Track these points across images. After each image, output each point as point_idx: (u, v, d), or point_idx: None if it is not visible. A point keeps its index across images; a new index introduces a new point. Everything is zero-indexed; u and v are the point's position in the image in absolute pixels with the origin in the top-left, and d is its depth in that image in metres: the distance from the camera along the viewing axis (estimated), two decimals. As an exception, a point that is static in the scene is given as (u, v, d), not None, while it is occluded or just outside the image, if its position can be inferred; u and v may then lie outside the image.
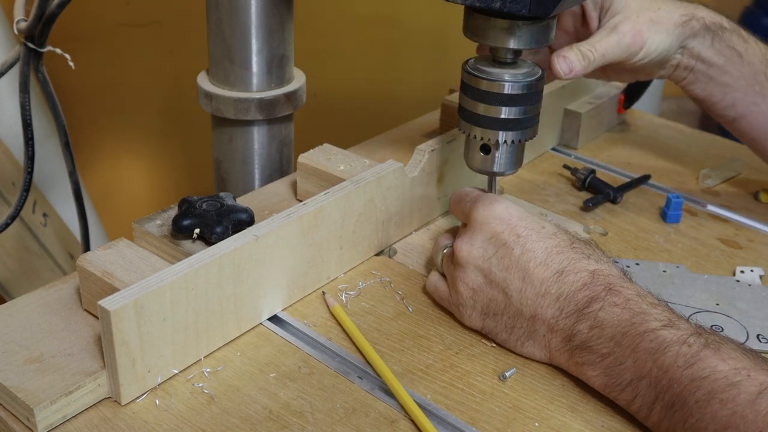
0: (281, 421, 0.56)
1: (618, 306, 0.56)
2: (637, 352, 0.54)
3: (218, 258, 0.59)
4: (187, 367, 0.61)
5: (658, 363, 0.53)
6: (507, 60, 0.69)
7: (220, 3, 0.82)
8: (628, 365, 0.55)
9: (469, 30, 0.68)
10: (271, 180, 0.90)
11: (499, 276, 0.61)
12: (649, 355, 0.53)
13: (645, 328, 0.54)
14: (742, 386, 0.49)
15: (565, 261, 0.60)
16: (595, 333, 0.57)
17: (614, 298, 0.57)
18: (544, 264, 0.60)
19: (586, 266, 0.59)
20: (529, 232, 0.61)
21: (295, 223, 0.65)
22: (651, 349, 0.53)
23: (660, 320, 0.55)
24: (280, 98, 0.86)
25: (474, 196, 0.67)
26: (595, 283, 0.58)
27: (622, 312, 0.56)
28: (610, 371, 0.56)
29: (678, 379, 0.52)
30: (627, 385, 0.55)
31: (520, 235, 0.61)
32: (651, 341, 0.54)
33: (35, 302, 0.64)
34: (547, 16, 0.64)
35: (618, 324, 0.56)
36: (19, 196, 0.89)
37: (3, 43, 1.19)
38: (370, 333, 0.65)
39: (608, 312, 0.56)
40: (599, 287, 0.58)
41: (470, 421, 0.57)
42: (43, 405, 0.54)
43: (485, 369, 0.62)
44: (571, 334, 0.58)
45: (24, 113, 0.86)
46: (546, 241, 0.61)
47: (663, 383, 0.52)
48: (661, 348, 0.53)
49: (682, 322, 0.55)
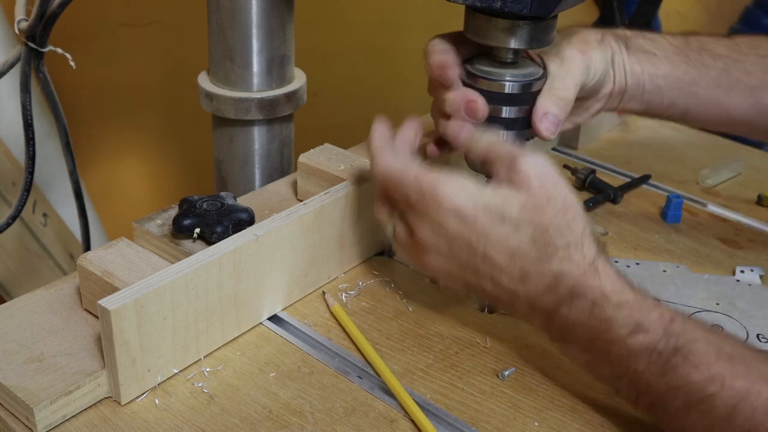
0: (281, 421, 0.56)
1: (585, 311, 0.54)
2: (610, 356, 0.54)
3: (218, 258, 0.59)
4: (187, 366, 0.61)
5: (632, 369, 0.53)
6: (508, 60, 0.69)
7: (220, 3, 0.82)
8: (604, 365, 0.55)
9: (469, 30, 0.68)
10: (271, 180, 0.90)
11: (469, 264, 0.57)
12: (622, 361, 0.53)
13: (613, 336, 0.53)
14: (717, 398, 0.49)
15: (529, 265, 0.55)
16: (569, 333, 0.56)
17: (580, 302, 0.54)
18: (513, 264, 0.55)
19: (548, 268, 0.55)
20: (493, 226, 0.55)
21: (295, 223, 0.65)
22: (622, 356, 0.53)
23: (627, 326, 0.53)
24: (280, 98, 0.86)
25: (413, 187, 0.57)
26: (560, 287, 0.55)
27: (589, 319, 0.54)
28: (591, 366, 0.57)
29: (654, 386, 0.52)
30: (609, 377, 0.56)
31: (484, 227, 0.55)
32: (621, 349, 0.53)
33: (35, 302, 0.64)
34: (548, 15, 0.64)
35: (588, 330, 0.54)
36: (20, 196, 0.89)
37: (4, 43, 1.19)
38: (370, 333, 0.65)
39: (576, 318, 0.55)
40: (564, 290, 0.55)
41: (470, 421, 0.57)
42: (43, 404, 0.54)
43: (485, 369, 0.62)
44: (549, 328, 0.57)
45: (25, 113, 0.86)
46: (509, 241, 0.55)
47: (640, 386, 0.53)
48: (631, 356, 0.53)
49: (651, 322, 0.53)
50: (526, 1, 0.62)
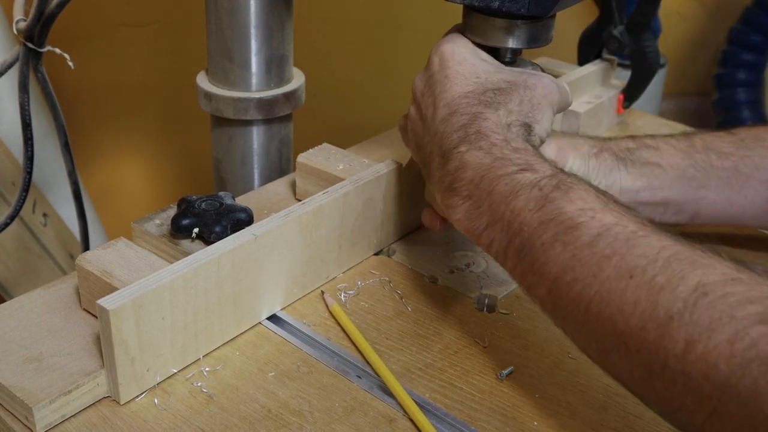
0: (280, 420, 0.56)
1: (482, 150, 0.56)
2: (492, 195, 0.54)
3: (217, 257, 0.59)
4: (186, 366, 0.61)
5: (510, 206, 0.53)
6: (506, 59, 0.69)
7: (219, 3, 0.82)
8: (484, 209, 0.55)
9: (468, 29, 0.68)
10: (270, 180, 0.90)
11: (423, 112, 0.63)
12: (503, 199, 0.53)
13: (502, 172, 0.54)
14: (584, 227, 0.49)
15: (463, 105, 0.60)
16: (459, 175, 0.57)
17: (481, 142, 0.57)
18: (447, 105, 0.61)
19: (473, 110, 0.59)
20: (457, 75, 0.62)
21: (294, 223, 0.65)
22: (505, 192, 0.53)
23: (518, 165, 0.55)
24: (279, 98, 0.86)
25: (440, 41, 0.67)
26: (470, 126, 0.58)
27: (484, 156, 0.56)
28: (469, 214, 0.56)
29: (528, 223, 0.52)
30: (484, 229, 0.55)
31: (447, 77, 0.62)
32: (506, 185, 0.54)
33: (35, 302, 0.64)
34: (546, 15, 0.64)
35: (478, 167, 0.56)
36: (19, 196, 0.89)
37: (2, 43, 1.19)
38: (369, 332, 0.65)
39: (472, 155, 0.56)
40: (472, 130, 0.58)
41: (469, 420, 0.57)
42: (42, 404, 0.54)
43: (484, 368, 0.62)
44: (443, 175, 0.58)
45: (23, 113, 0.86)
46: (467, 86, 0.61)
47: (514, 227, 0.53)
48: (513, 191, 0.53)
49: (542, 166, 0.54)
50: (524, 1, 0.62)
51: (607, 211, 0.50)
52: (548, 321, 0.68)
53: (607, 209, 0.50)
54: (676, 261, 0.45)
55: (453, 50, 0.64)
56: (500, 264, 0.56)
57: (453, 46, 0.65)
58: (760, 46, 1.98)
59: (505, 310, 0.69)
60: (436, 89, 0.62)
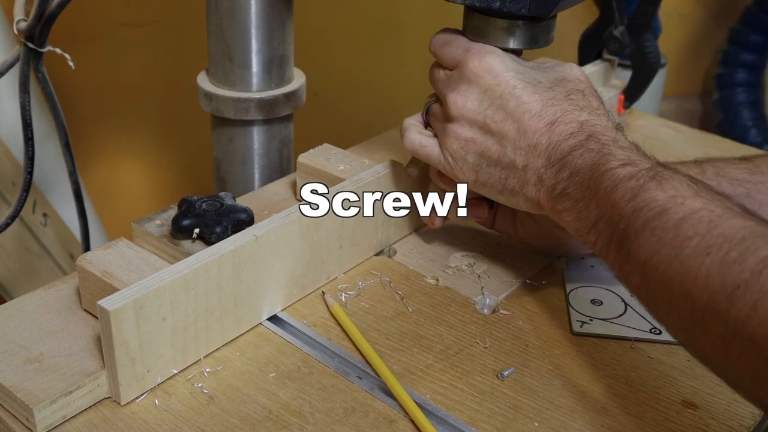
0: (281, 421, 0.56)
1: (592, 151, 0.58)
2: (598, 192, 0.56)
3: (218, 258, 0.59)
4: (187, 367, 0.61)
5: (611, 200, 0.54)
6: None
7: (219, 3, 0.82)
8: (592, 207, 0.56)
9: (468, 30, 0.68)
10: (270, 180, 0.90)
11: (494, 128, 0.62)
12: (606, 194, 0.55)
13: (606, 168, 0.56)
14: (671, 212, 0.50)
15: (558, 112, 0.61)
16: (572, 180, 0.58)
17: (591, 144, 0.58)
18: (538, 116, 0.61)
19: (577, 117, 0.60)
20: (525, 84, 0.62)
21: (294, 223, 0.65)
22: (607, 188, 0.55)
23: (621, 160, 0.56)
24: (279, 98, 0.86)
25: (465, 44, 0.65)
26: (581, 132, 0.59)
27: (593, 157, 0.58)
28: (580, 215, 0.58)
29: (623, 213, 0.53)
30: (592, 226, 0.57)
31: (516, 87, 0.62)
32: (608, 179, 0.55)
33: (35, 302, 0.64)
34: (547, 15, 0.64)
35: (588, 168, 0.57)
36: (19, 196, 0.89)
37: (3, 43, 1.19)
38: (369, 333, 0.65)
39: (584, 158, 0.58)
40: (583, 135, 0.59)
41: (470, 421, 0.57)
42: (43, 405, 0.54)
43: (485, 369, 0.62)
44: (555, 183, 0.60)
45: (24, 113, 0.86)
46: (542, 93, 0.62)
47: (615, 220, 0.54)
48: (614, 185, 0.55)
49: (643, 161, 0.56)
50: (525, 1, 0.62)
51: (697, 197, 0.51)
52: (549, 321, 0.68)
53: (698, 196, 0.51)
54: (751, 237, 0.46)
55: (502, 62, 0.63)
56: (605, 261, 0.57)
57: (498, 58, 0.63)
58: (760, 46, 1.98)
59: (505, 311, 0.69)
60: (508, 104, 0.61)
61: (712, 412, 0.59)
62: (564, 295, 0.71)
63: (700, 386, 0.62)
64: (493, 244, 0.78)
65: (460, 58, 0.64)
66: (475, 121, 0.63)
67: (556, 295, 0.71)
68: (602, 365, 0.63)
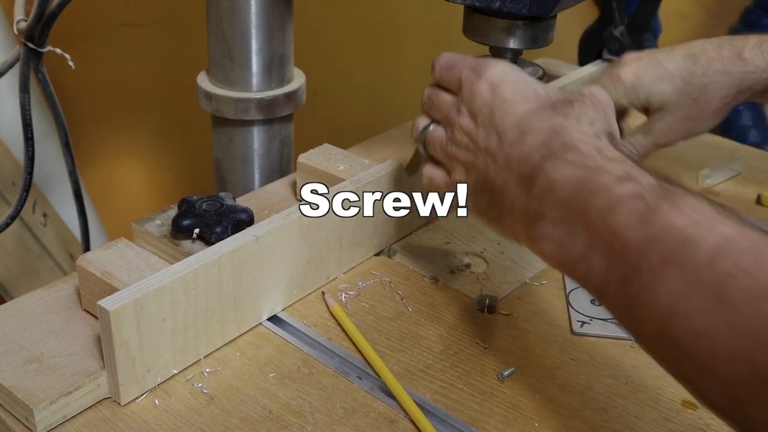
0: (281, 421, 0.56)
1: (572, 163, 0.48)
2: (588, 214, 0.45)
3: (218, 258, 0.59)
4: (187, 367, 0.61)
5: (609, 225, 0.44)
6: (507, 59, 0.68)
7: (220, 3, 0.82)
8: (579, 233, 0.46)
9: (468, 30, 0.68)
10: (271, 180, 0.90)
11: (482, 145, 0.55)
12: (600, 218, 0.45)
13: (596, 184, 0.46)
14: (700, 243, 0.40)
15: (535, 121, 0.52)
16: (548, 197, 0.48)
17: (569, 155, 0.48)
18: (517, 126, 0.53)
19: (551, 124, 0.51)
20: (513, 95, 0.55)
21: (294, 223, 0.65)
22: (602, 208, 0.45)
23: (616, 175, 0.46)
24: (280, 98, 0.86)
25: (469, 63, 0.59)
26: (552, 141, 0.50)
27: (574, 170, 0.47)
28: (563, 243, 0.47)
29: (631, 243, 0.43)
30: (581, 258, 0.46)
31: (505, 100, 0.55)
32: (602, 199, 0.45)
33: (35, 302, 0.64)
34: (547, 15, 0.64)
35: (569, 184, 0.47)
36: (19, 196, 0.89)
37: (3, 43, 1.19)
38: (369, 333, 0.65)
39: (560, 172, 0.48)
40: (556, 144, 0.49)
41: (470, 421, 0.57)
42: (43, 405, 0.54)
43: (485, 369, 0.62)
44: (527, 202, 0.50)
45: (24, 113, 0.86)
46: (531, 104, 0.54)
47: (615, 249, 0.44)
48: (610, 207, 0.44)
49: (643, 176, 0.46)
50: (525, 1, 0.62)
51: (725, 221, 0.41)
52: (549, 321, 0.68)
53: (726, 219, 0.41)
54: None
55: (502, 73, 0.57)
56: (601, 301, 0.47)
57: (499, 70, 0.57)
58: (760, 46, 1.98)
59: (505, 311, 0.69)
60: (495, 116, 0.55)
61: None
62: (564, 295, 0.71)
63: (700, 386, 0.62)
64: (493, 244, 0.78)
65: (465, 78, 0.58)
66: (471, 142, 0.56)
67: (556, 295, 0.71)
68: (602, 365, 0.63)
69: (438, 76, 0.61)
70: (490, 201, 0.55)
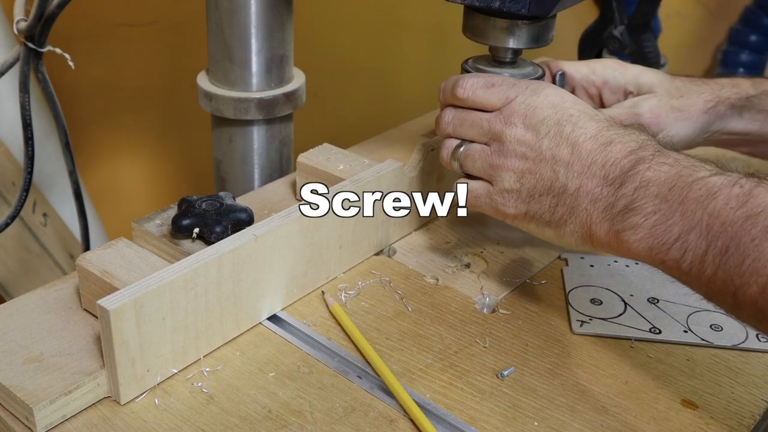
0: (280, 421, 0.56)
1: (666, 164, 0.56)
2: (685, 203, 0.53)
3: (218, 257, 0.59)
4: (187, 366, 0.61)
5: (708, 209, 0.51)
6: (506, 59, 0.69)
7: (219, 3, 0.82)
8: (675, 219, 0.53)
9: (468, 30, 0.68)
10: (270, 180, 0.90)
11: (548, 154, 0.61)
12: (699, 204, 0.52)
13: (694, 177, 0.53)
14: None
15: (614, 135, 0.60)
16: (640, 193, 0.55)
17: (663, 158, 0.56)
18: (594, 138, 0.60)
19: (635, 138, 0.59)
20: (582, 113, 0.62)
21: (294, 223, 0.65)
22: (700, 197, 0.52)
23: (709, 170, 0.54)
24: (279, 98, 0.86)
25: (510, 81, 0.65)
26: (644, 149, 0.58)
27: (670, 168, 0.55)
28: (655, 230, 0.54)
29: (731, 221, 0.50)
30: (675, 241, 0.53)
31: (573, 115, 0.61)
32: (700, 189, 0.52)
33: (35, 302, 0.64)
34: (547, 15, 0.64)
35: (665, 180, 0.55)
36: (19, 196, 0.89)
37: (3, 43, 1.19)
38: (369, 332, 0.65)
39: (655, 171, 0.56)
40: (648, 151, 0.58)
41: (469, 421, 0.57)
42: (43, 404, 0.54)
43: (484, 368, 0.62)
44: (614, 200, 0.57)
45: (24, 113, 0.86)
46: (599, 122, 0.61)
47: (715, 229, 0.51)
48: (711, 193, 0.52)
49: (732, 172, 0.54)
50: (525, 1, 0.62)
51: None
52: (549, 321, 0.68)
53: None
54: None
55: (559, 94, 0.63)
56: (692, 278, 0.53)
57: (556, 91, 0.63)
58: (760, 47, 1.98)
59: (505, 311, 0.69)
60: (564, 129, 0.61)
61: (712, 411, 0.59)
62: (564, 295, 0.71)
63: (700, 386, 0.62)
64: (493, 244, 0.78)
65: (513, 94, 0.63)
66: (531, 151, 0.62)
67: (556, 295, 0.71)
68: (602, 365, 0.63)
69: (468, 96, 0.65)
70: (556, 203, 0.61)
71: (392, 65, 1.64)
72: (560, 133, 0.61)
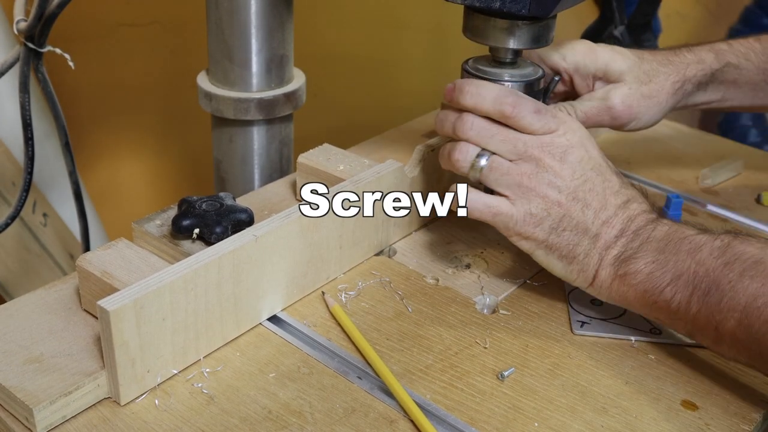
0: (280, 421, 0.56)
1: (666, 225, 0.64)
2: (678, 254, 0.61)
3: (218, 258, 0.59)
4: (187, 367, 0.61)
5: (696, 259, 0.60)
6: (507, 60, 0.69)
7: (219, 3, 0.82)
8: (669, 267, 0.61)
9: (468, 30, 0.68)
10: (270, 180, 0.90)
11: (581, 196, 0.65)
12: (688, 254, 0.61)
13: (685, 235, 0.62)
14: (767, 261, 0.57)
15: (630, 194, 0.67)
16: (645, 246, 0.63)
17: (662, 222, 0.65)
18: (617, 194, 0.66)
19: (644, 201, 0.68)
20: (606, 164, 0.68)
21: (294, 223, 0.65)
22: (690, 249, 0.61)
23: (696, 230, 0.63)
24: (279, 98, 0.86)
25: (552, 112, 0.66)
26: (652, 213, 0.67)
27: (668, 229, 0.64)
28: (652, 276, 0.62)
29: (713, 268, 0.59)
30: (667, 285, 0.61)
31: (602, 165, 0.67)
32: (689, 243, 0.61)
33: (35, 302, 0.64)
34: (547, 16, 0.64)
35: (663, 237, 0.63)
36: (19, 196, 0.89)
37: (3, 43, 1.19)
38: (369, 333, 0.65)
39: (658, 230, 0.64)
40: (654, 215, 0.66)
41: (470, 421, 0.57)
42: (43, 405, 0.54)
43: (484, 369, 0.62)
44: (624, 251, 0.64)
45: (24, 113, 0.86)
46: (618, 176, 0.68)
47: (700, 275, 0.59)
48: (698, 247, 0.61)
49: (716, 232, 0.62)
50: (525, 1, 0.62)
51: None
52: (549, 321, 0.68)
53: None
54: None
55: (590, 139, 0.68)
56: (679, 316, 0.60)
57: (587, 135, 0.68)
58: (760, 47, 1.97)
59: (505, 311, 0.69)
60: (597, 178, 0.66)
61: (712, 412, 0.59)
62: (564, 295, 0.71)
63: (700, 386, 0.62)
64: (493, 244, 0.78)
65: (556, 127, 0.66)
66: (567, 187, 0.65)
67: (556, 295, 0.71)
68: (602, 365, 0.63)
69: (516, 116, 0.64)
70: (576, 242, 0.65)
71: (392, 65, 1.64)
72: (592, 180, 0.66)
